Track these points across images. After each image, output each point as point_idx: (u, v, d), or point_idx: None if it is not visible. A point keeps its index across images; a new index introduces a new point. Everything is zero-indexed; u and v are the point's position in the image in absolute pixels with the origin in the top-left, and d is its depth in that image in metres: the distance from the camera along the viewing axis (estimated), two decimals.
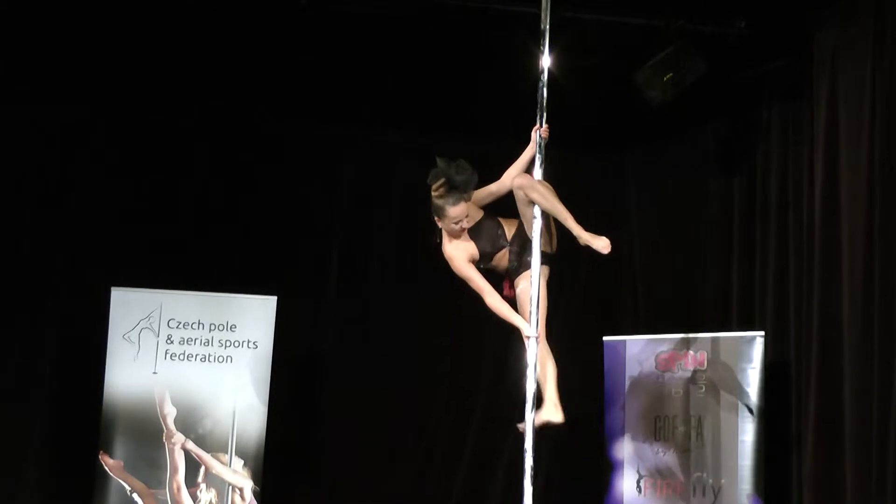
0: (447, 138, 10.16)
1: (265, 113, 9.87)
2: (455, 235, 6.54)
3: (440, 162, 6.48)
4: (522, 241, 6.53)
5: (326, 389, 10.04)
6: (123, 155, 9.68)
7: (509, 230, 6.62)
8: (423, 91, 9.52)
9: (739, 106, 9.49)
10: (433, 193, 6.47)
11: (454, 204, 6.42)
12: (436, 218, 6.54)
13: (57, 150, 9.57)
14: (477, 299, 9.97)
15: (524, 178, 6.38)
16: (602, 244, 6.34)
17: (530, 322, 6.30)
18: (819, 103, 8.41)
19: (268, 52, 9.04)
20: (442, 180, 6.43)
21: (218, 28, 8.79)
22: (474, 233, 6.59)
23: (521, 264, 6.52)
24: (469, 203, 6.48)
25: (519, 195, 6.40)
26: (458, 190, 6.41)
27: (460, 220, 6.47)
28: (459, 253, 6.56)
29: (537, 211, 6.34)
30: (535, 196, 6.34)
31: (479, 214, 6.63)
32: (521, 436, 6.27)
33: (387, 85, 9.50)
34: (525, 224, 6.48)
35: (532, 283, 6.34)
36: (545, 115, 6.37)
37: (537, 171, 6.36)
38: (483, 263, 6.65)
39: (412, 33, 8.74)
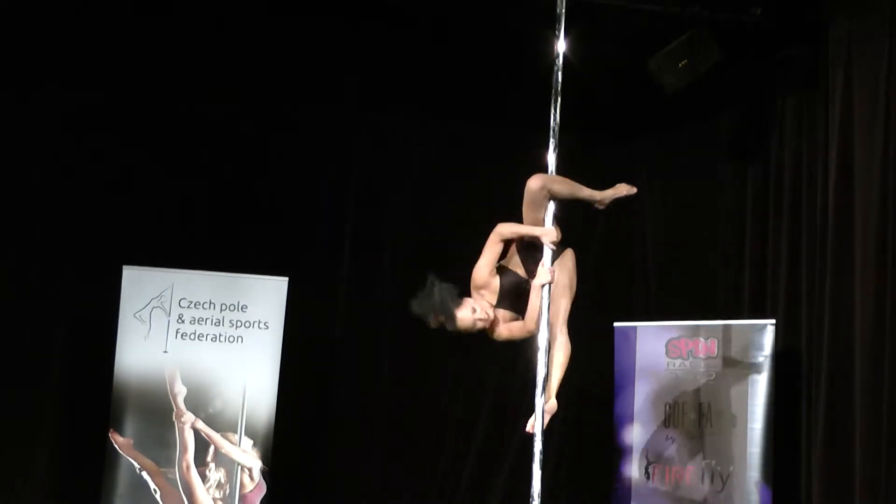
0: (461, 122, 10.20)
1: (280, 94, 9.86)
2: (492, 325, 6.30)
3: (416, 305, 6.18)
4: (525, 255, 6.37)
5: (337, 371, 10.05)
6: (136, 134, 9.67)
7: (519, 268, 6.37)
8: (437, 75, 9.51)
9: (754, 94, 9.46)
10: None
11: (455, 320, 6.17)
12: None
13: (70, 129, 9.56)
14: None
15: (541, 178, 6.23)
16: (626, 189, 6.48)
17: (539, 316, 6.23)
18: (834, 91, 8.39)
19: (283, 34, 9.03)
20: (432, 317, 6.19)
21: (232, 9, 8.79)
22: (503, 294, 6.36)
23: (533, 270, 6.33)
24: (472, 300, 6.23)
25: (543, 194, 6.21)
26: (447, 315, 6.18)
27: (477, 319, 6.20)
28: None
29: (550, 205, 6.29)
30: (558, 188, 6.27)
31: (495, 279, 6.32)
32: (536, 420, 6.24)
33: (402, 69, 9.50)
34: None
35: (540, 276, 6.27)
36: (559, 100, 6.34)
37: (550, 157, 6.33)
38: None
39: (426, 17, 8.73)
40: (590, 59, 8.24)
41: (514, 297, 6.34)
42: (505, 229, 6.27)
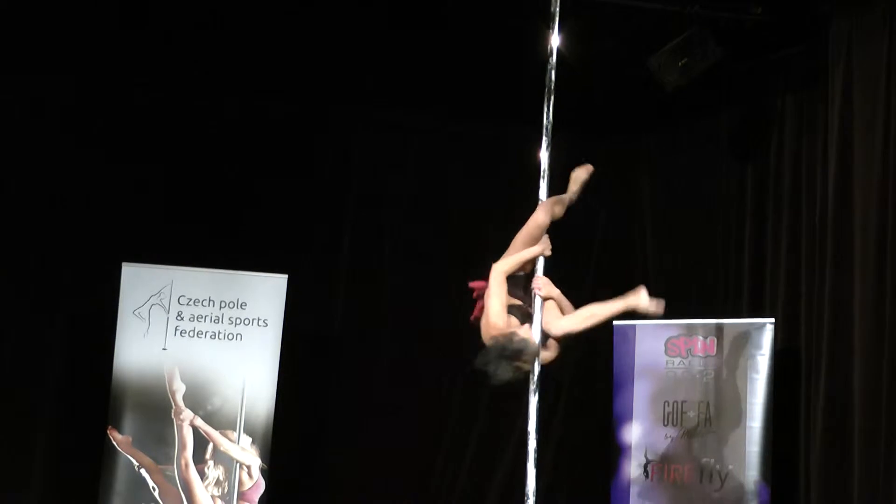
0: (461, 121, 10.20)
1: (279, 91, 9.86)
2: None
3: (500, 374, 6.05)
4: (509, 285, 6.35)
5: (336, 369, 10.05)
6: (137, 131, 9.68)
7: (510, 298, 6.34)
8: (436, 71, 9.50)
9: (754, 92, 9.45)
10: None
11: (529, 344, 6.15)
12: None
13: (70, 126, 9.57)
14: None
15: (547, 210, 6.31)
16: (584, 172, 6.72)
17: (533, 322, 6.23)
18: (834, 90, 8.37)
19: (281, 29, 9.03)
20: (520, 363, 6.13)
21: (233, 9, 8.79)
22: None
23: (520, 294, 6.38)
24: (514, 333, 6.17)
25: (546, 222, 6.33)
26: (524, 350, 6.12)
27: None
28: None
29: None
30: (558, 210, 6.45)
31: (511, 318, 6.30)
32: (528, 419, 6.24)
33: (401, 65, 9.49)
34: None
35: (536, 277, 6.29)
36: (552, 98, 6.33)
37: (543, 155, 6.31)
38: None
39: (425, 13, 8.72)
40: (590, 56, 8.25)
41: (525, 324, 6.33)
42: (505, 267, 6.24)
